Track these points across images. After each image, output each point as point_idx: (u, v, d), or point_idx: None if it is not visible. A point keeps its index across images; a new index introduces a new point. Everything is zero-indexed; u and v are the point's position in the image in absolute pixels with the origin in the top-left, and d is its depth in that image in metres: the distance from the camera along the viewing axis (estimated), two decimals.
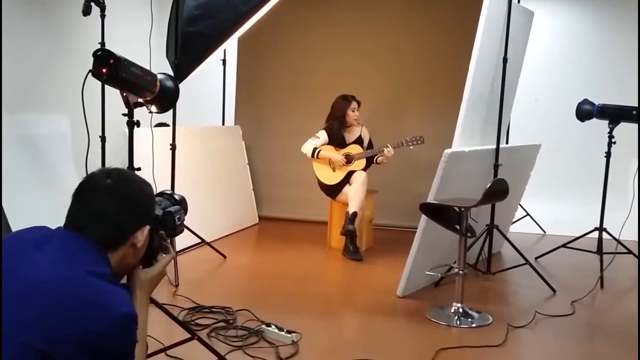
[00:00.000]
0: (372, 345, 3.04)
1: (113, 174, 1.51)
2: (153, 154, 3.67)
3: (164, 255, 1.71)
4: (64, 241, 1.41)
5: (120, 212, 1.47)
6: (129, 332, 1.35)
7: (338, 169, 4.90)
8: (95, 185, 1.49)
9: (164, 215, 1.66)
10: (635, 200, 4.28)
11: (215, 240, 4.87)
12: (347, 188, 4.83)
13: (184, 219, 1.73)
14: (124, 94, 2.82)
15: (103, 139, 4.00)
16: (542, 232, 5.73)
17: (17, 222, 3.86)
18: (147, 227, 1.54)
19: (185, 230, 2.73)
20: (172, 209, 1.68)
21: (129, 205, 1.49)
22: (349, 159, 4.89)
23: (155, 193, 1.65)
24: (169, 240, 1.71)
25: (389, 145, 4.79)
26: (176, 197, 1.74)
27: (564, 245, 4.65)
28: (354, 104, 4.91)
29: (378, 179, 5.17)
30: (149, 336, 2.69)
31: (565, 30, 6.36)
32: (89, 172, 1.55)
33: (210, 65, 4.91)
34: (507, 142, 5.05)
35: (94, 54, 2.63)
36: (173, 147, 4.12)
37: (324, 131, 4.94)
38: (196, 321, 3.19)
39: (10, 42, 4.05)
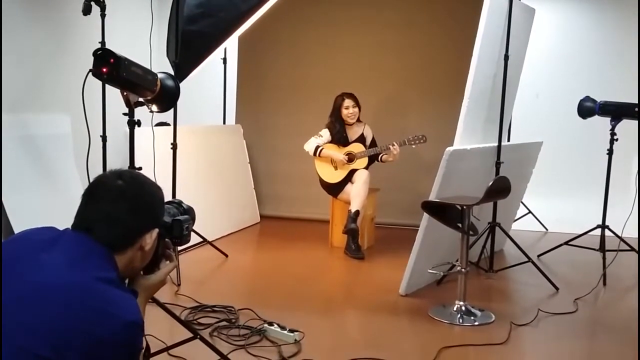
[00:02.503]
0: (374, 343, 3.03)
1: (124, 176, 1.50)
2: (154, 153, 3.66)
3: (167, 262, 1.69)
4: (72, 244, 1.40)
5: (130, 213, 1.46)
6: (135, 339, 1.34)
7: (340, 167, 4.89)
8: (106, 186, 1.48)
9: (173, 223, 1.65)
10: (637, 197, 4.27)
11: (216, 239, 4.87)
12: (349, 186, 4.82)
13: (191, 229, 1.72)
14: (125, 94, 2.82)
15: (104, 138, 3.99)
16: (544, 230, 5.72)
17: (18, 222, 3.86)
18: (156, 231, 1.53)
19: None
20: (181, 217, 1.67)
21: (139, 207, 1.48)
22: (351, 158, 4.88)
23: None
24: (172, 249, 1.71)
25: (394, 143, 4.77)
26: (184, 206, 1.74)
27: (566, 243, 4.64)
28: (347, 102, 4.87)
29: (380, 177, 5.16)
30: (152, 336, 2.71)
31: (567, 27, 6.35)
32: (90, 171, 1.54)
33: (211, 64, 4.91)
34: (508, 140, 5.04)
35: (95, 54, 2.63)
36: (174, 147, 4.12)
37: (326, 129, 4.93)
38: (198, 320, 3.19)
39: (10, 41, 4.05)
